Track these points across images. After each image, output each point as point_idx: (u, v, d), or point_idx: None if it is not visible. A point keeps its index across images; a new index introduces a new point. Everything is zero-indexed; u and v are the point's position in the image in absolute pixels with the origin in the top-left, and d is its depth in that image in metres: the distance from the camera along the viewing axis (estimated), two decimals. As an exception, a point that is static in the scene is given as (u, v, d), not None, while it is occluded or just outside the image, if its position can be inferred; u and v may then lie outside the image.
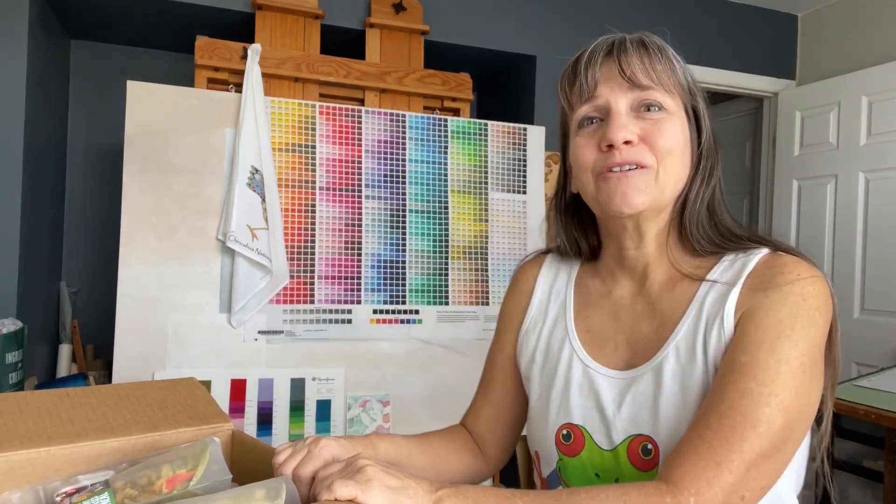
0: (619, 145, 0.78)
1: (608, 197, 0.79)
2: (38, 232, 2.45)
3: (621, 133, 0.77)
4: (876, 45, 3.10)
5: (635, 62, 0.79)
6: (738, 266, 0.78)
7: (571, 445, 0.84)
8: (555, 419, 0.86)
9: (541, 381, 0.91)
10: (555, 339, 0.91)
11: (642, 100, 0.79)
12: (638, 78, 0.79)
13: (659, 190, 0.79)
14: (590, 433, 0.82)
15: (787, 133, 3.36)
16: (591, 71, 0.80)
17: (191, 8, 2.49)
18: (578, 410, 0.84)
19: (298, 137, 2.32)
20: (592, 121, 0.82)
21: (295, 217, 2.30)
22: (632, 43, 0.81)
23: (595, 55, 0.81)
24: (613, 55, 0.80)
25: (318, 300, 2.30)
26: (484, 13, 2.88)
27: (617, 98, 0.79)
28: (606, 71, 0.80)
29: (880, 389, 2.18)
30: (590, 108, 0.81)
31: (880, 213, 2.94)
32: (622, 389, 0.81)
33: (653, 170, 0.79)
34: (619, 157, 0.78)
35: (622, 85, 0.79)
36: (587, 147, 0.81)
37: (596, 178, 0.81)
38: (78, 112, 2.86)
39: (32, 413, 0.73)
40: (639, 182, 0.78)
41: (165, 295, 2.13)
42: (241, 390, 2.19)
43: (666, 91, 0.80)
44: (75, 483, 0.65)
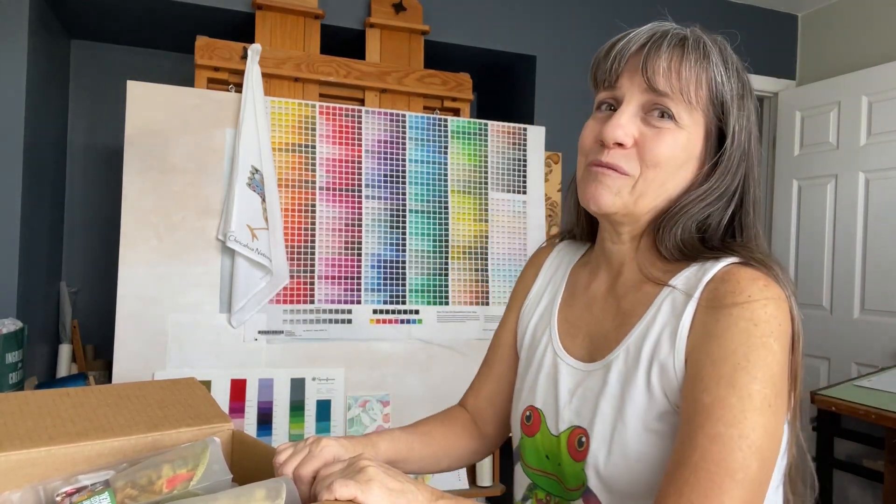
0: (609, 144, 0.78)
1: (583, 190, 0.81)
2: (38, 232, 2.45)
3: (617, 132, 0.77)
4: (876, 45, 3.10)
5: (662, 65, 0.77)
6: (699, 275, 0.76)
7: (531, 426, 0.87)
8: (524, 400, 0.90)
9: (524, 362, 0.94)
10: (541, 323, 0.94)
11: (655, 104, 0.78)
12: (657, 82, 0.76)
13: (633, 199, 0.79)
14: (545, 417, 0.85)
15: (787, 133, 3.36)
16: (619, 60, 0.79)
17: (191, 8, 2.49)
18: (541, 394, 0.87)
19: (298, 137, 2.32)
20: (609, 107, 0.82)
21: (295, 217, 2.30)
22: (670, 41, 0.79)
23: (629, 45, 0.80)
24: (645, 50, 0.78)
25: (318, 300, 2.30)
26: (484, 13, 2.88)
27: (632, 95, 0.78)
28: (633, 64, 0.79)
29: (880, 389, 2.18)
30: (608, 94, 0.82)
31: (880, 213, 2.94)
32: (577, 381, 0.84)
33: (633, 178, 0.78)
34: (605, 158, 0.78)
35: (641, 84, 0.78)
36: (592, 130, 0.82)
37: (586, 166, 0.82)
38: (78, 112, 2.86)
39: (33, 413, 0.73)
40: (613, 185, 0.78)
41: (165, 295, 2.13)
42: (241, 390, 2.19)
43: (684, 101, 0.77)
44: (76, 483, 0.65)
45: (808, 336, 3.19)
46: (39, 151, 2.42)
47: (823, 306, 3.15)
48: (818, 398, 2.16)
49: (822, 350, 3.15)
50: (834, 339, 3.10)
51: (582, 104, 3.03)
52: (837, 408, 2.09)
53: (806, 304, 3.24)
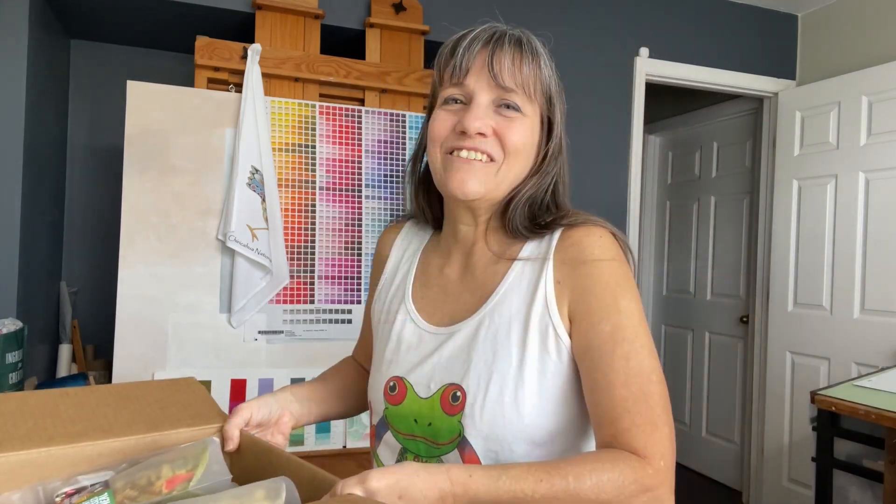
0: (472, 134, 0.85)
1: (449, 178, 0.87)
2: (38, 232, 2.45)
3: (476, 123, 0.84)
4: (876, 45, 3.10)
5: (506, 62, 0.86)
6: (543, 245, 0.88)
7: (395, 395, 0.92)
8: (385, 372, 0.95)
9: (379, 338, 1.00)
10: (395, 301, 1.00)
11: (503, 98, 0.86)
12: (504, 78, 0.85)
13: (496, 183, 0.87)
14: (412, 384, 0.91)
15: (787, 133, 3.36)
16: (467, 57, 0.87)
17: (191, 8, 2.49)
18: (405, 365, 0.93)
19: (298, 137, 2.32)
20: (457, 101, 0.88)
21: (295, 217, 2.30)
22: (510, 40, 0.88)
23: (474, 43, 0.87)
24: (489, 48, 0.87)
25: (318, 300, 2.30)
26: (484, 13, 2.86)
27: (481, 90, 0.86)
28: (479, 62, 0.86)
29: (880, 389, 2.17)
30: (457, 90, 0.88)
31: (880, 213, 2.94)
32: (442, 341, 0.90)
33: (497, 164, 0.87)
34: (470, 143, 0.85)
35: (489, 80, 0.86)
36: (445, 122, 0.88)
37: (444, 154, 0.88)
38: (78, 112, 2.86)
39: (33, 413, 0.73)
40: (479, 173, 0.86)
41: (165, 295, 2.13)
42: (241, 390, 2.19)
43: (526, 95, 0.87)
44: (75, 483, 0.65)
45: (809, 336, 3.20)
46: (39, 151, 2.42)
47: (823, 306, 3.15)
48: (818, 398, 2.15)
49: (822, 350, 3.15)
50: (834, 339, 3.10)
51: (582, 104, 3.03)
52: (837, 408, 2.08)
53: (806, 304, 3.24)
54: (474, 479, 0.67)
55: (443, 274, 0.97)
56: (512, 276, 0.88)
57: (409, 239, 1.06)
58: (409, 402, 0.90)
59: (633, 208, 3.16)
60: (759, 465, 3.50)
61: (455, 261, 0.96)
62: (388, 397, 0.93)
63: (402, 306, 0.98)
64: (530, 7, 2.96)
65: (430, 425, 0.88)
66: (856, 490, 2.24)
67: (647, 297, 4.52)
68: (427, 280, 0.99)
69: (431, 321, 0.94)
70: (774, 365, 3.39)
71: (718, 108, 3.98)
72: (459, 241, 0.95)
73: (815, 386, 3.11)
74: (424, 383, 0.89)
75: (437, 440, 0.87)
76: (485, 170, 0.86)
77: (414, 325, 0.95)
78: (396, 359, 0.94)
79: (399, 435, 0.92)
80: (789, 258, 3.32)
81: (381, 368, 0.96)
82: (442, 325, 0.92)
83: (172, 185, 2.17)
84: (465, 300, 0.92)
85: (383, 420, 0.94)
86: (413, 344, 0.94)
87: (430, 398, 0.88)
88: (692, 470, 4.11)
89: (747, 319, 3.72)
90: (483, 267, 0.92)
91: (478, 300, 0.90)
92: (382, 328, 1.00)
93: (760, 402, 3.51)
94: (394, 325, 0.97)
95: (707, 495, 3.78)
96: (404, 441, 0.91)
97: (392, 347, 0.95)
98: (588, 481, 0.69)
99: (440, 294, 0.96)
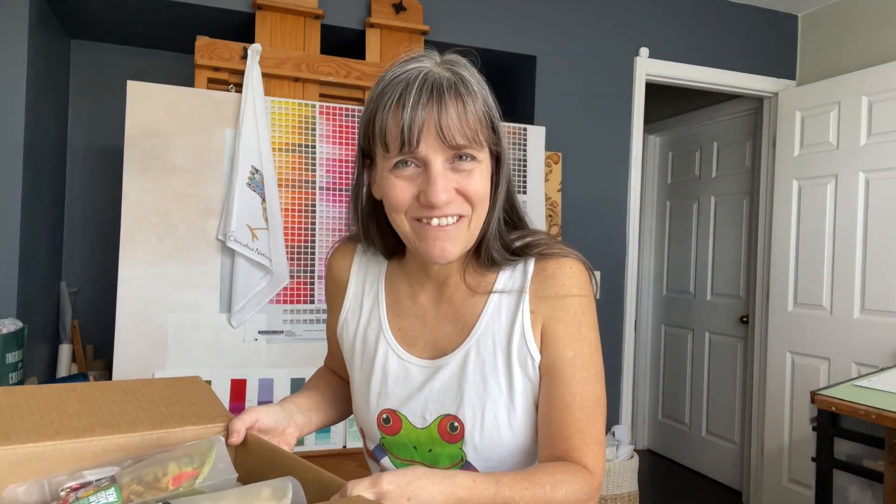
0: (441, 206, 0.83)
1: (426, 248, 0.86)
2: (38, 232, 2.45)
3: (443, 196, 0.83)
4: (876, 45, 3.11)
5: (453, 121, 0.82)
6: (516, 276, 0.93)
7: (391, 427, 0.95)
8: (375, 405, 0.96)
9: (361, 368, 1.00)
10: (371, 332, 1.00)
11: (456, 154, 0.84)
12: (455, 138, 0.82)
13: (470, 235, 0.88)
14: (406, 416, 0.94)
15: (787, 133, 3.37)
16: (415, 125, 0.82)
17: (191, 8, 2.49)
18: (396, 399, 0.95)
19: (298, 137, 2.32)
20: (408, 163, 0.85)
21: (295, 217, 2.30)
22: (448, 90, 0.83)
23: (417, 107, 0.82)
24: (434, 108, 0.82)
25: (318, 300, 2.30)
26: (484, 13, 2.88)
27: (436, 155, 0.83)
28: (427, 126, 0.82)
29: (880, 389, 2.17)
30: (408, 156, 0.84)
31: (880, 213, 2.94)
32: (430, 375, 0.93)
33: (467, 218, 0.87)
34: (439, 212, 0.84)
35: (440, 144, 0.82)
36: (405, 192, 0.85)
37: (411, 221, 0.87)
38: (78, 112, 2.86)
39: (39, 407, 0.73)
40: (455, 235, 0.86)
41: (165, 295, 2.13)
42: (241, 390, 2.19)
43: (477, 144, 0.85)
44: (81, 478, 0.65)
45: (809, 336, 3.20)
46: (39, 151, 2.42)
47: (823, 306, 3.16)
48: (818, 398, 2.16)
49: (822, 350, 3.16)
50: (834, 339, 3.10)
51: (582, 104, 3.04)
52: (837, 408, 2.08)
53: (806, 304, 3.25)
54: (477, 484, 0.75)
55: (417, 303, 0.98)
56: (491, 309, 0.93)
57: (364, 266, 1.05)
58: (405, 433, 0.94)
59: (633, 208, 3.16)
60: (759, 465, 3.50)
61: (428, 290, 0.97)
62: (382, 428, 0.96)
63: (381, 337, 0.98)
64: (530, 7, 2.96)
65: (431, 451, 0.93)
66: (856, 490, 2.24)
67: (647, 297, 4.52)
68: (400, 310, 0.99)
69: (413, 352, 0.96)
70: (774, 365, 3.39)
71: (718, 108, 3.98)
72: (432, 277, 0.96)
73: (815, 386, 3.11)
74: (419, 415, 0.93)
75: (437, 465, 0.93)
76: (458, 229, 0.86)
77: (397, 358, 0.96)
78: (385, 391, 0.96)
79: (398, 460, 0.96)
80: (789, 258, 3.32)
81: (370, 400, 0.97)
82: (426, 358, 0.95)
83: (172, 185, 2.17)
84: (445, 330, 0.95)
85: (380, 446, 0.98)
86: (400, 377, 0.95)
87: (427, 428, 0.93)
88: (692, 470, 4.11)
89: (747, 319, 3.73)
90: (460, 298, 0.95)
91: (459, 331, 0.94)
92: (361, 357, 1.00)
93: (760, 402, 3.51)
94: (375, 356, 0.98)
95: (707, 495, 3.78)
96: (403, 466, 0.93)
97: (378, 380, 0.97)
98: (560, 490, 0.81)
99: (417, 323, 0.97)
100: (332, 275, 1.08)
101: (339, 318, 1.05)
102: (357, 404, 1.01)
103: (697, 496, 3.77)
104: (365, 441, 1.02)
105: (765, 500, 3.44)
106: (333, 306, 1.09)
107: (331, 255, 1.09)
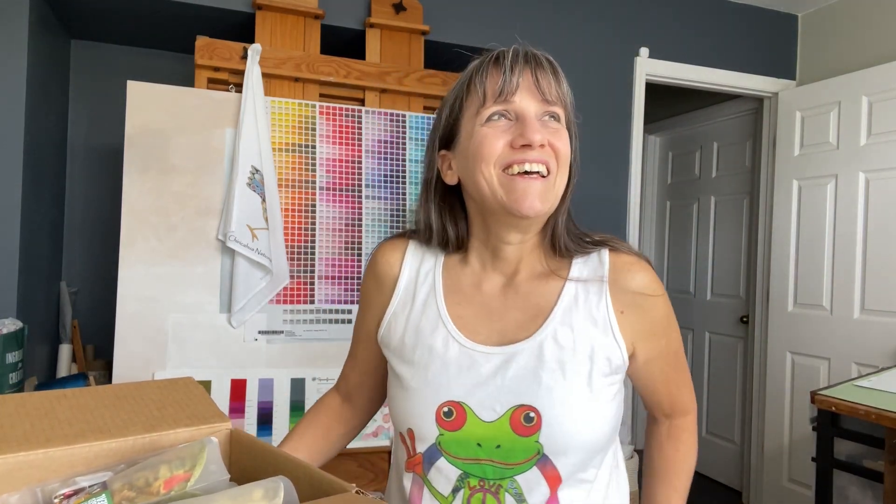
0: (536, 146, 0.86)
1: (516, 198, 0.86)
2: (38, 232, 2.45)
3: (538, 136, 0.85)
4: (876, 45, 3.10)
5: (549, 78, 0.89)
6: (591, 265, 0.94)
7: (453, 421, 0.90)
8: (434, 398, 0.91)
9: (413, 361, 0.94)
10: (426, 321, 0.95)
11: (547, 111, 0.89)
12: (549, 93, 0.89)
13: (554, 196, 0.89)
14: (472, 408, 0.89)
15: (787, 133, 3.36)
16: (514, 75, 0.88)
17: (191, 8, 2.49)
18: (460, 389, 0.90)
19: (298, 137, 2.32)
20: (501, 117, 0.88)
21: (295, 217, 2.30)
22: (542, 59, 0.90)
23: (517, 61, 0.89)
24: (531, 66, 0.89)
25: (318, 300, 2.30)
26: (484, 13, 2.88)
27: (530, 105, 0.88)
28: (525, 79, 0.88)
29: (880, 389, 2.17)
30: (502, 106, 0.88)
31: (880, 213, 2.94)
32: (502, 363, 0.90)
33: (552, 176, 0.88)
34: (535, 155, 0.86)
35: (535, 95, 0.88)
36: (496, 140, 0.87)
37: (500, 172, 0.87)
38: (78, 112, 2.86)
39: (30, 414, 0.73)
40: (541, 189, 0.87)
41: (165, 295, 2.13)
42: (241, 390, 2.19)
43: (563, 107, 0.91)
44: (73, 485, 0.64)
45: (809, 336, 3.20)
46: (39, 151, 2.42)
47: (823, 306, 3.15)
48: (818, 398, 2.15)
49: (822, 350, 3.15)
50: (834, 339, 3.10)
51: (581, 104, 3.03)
52: (837, 408, 2.08)
53: (806, 304, 3.24)
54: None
55: (481, 290, 0.95)
56: (567, 297, 0.92)
57: (419, 257, 1.01)
58: (470, 427, 0.89)
59: (633, 208, 3.16)
60: (759, 465, 3.50)
61: (493, 277, 0.96)
62: (442, 423, 0.90)
63: (440, 325, 0.94)
64: (531, 7, 2.96)
65: (499, 448, 0.88)
66: (856, 490, 2.24)
67: (647, 296, 4.51)
68: (461, 297, 0.96)
69: (477, 340, 0.92)
70: (774, 365, 3.39)
71: (718, 108, 3.98)
72: (501, 259, 0.95)
73: (815, 386, 3.11)
74: (488, 406, 0.89)
75: (508, 461, 0.88)
76: (545, 184, 0.87)
77: (458, 346, 0.92)
78: (446, 382, 0.91)
79: (457, 460, 0.90)
80: (789, 258, 3.32)
81: (425, 393, 0.91)
82: (492, 345, 0.91)
83: (172, 185, 2.17)
84: (514, 318, 0.93)
85: (435, 447, 0.91)
86: (464, 365, 0.91)
87: (497, 421, 0.88)
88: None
89: (747, 319, 3.72)
90: (530, 284, 0.94)
91: (531, 319, 0.92)
92: (413, 350, 0.95)
93: (760, 402, 3.51)
94: (433, 346, 0.93)
95: (707, 495, 3.78)
96: (465, 466, 0.90)
97: (437, 370, 0.92)
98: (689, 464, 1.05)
99: (481, 311, 0.94)
100: (376, 269, 1.03)
101: (386, 312, 1.00)
102: (406, 403, 0.94)
103: (697, 496, 3.77)
104: (413, 445, 0.94)
105: (765, 500, 3.44)
106: (370, 304, 1.04)
107: (378, 250, 1.05)
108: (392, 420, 0.99)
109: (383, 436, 2.31)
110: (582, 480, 0.92)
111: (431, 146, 0.97)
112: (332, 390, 1.16)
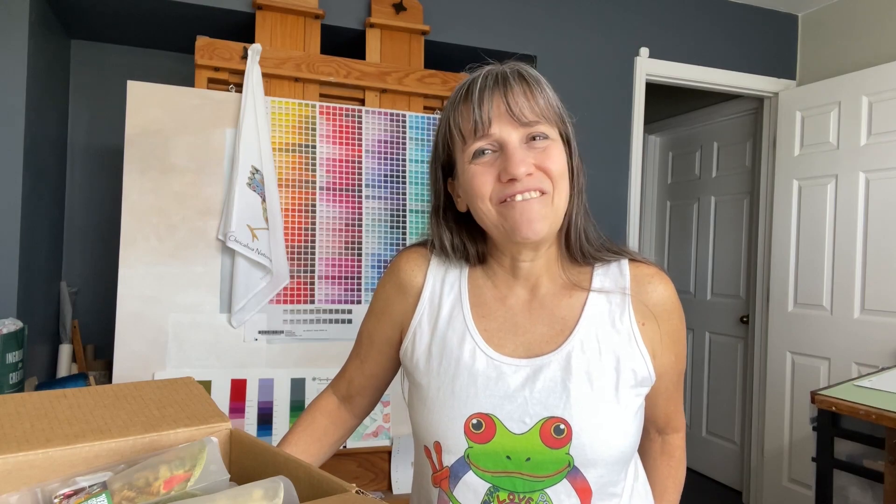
0: (522, 178, 0.85)
1: (514, 225, 0.87)
2: (38, 232, 2.45)
3: (521, 168, 0.85)
4: (876, 45, 3.10)
5: (521, 99, 0.87)
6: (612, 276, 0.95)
7: (482, 433, 0.89)
8: (462, 409, 0.90)
9: (440, 373, 0.94)
10: (453, 333, 0.95)
11: (530, 133, 0.88)
12: (525, 115, 0.87)
13: (554, 213, 0.89)
14: (501, 420, 0.89)
15: (787, 133, 3.36)
16: (484, 108, 0.87)
17: (191, 8, 2.49)
18: (489, 402, 0.89)
19: (298, 137, 2.32)
20: (485, 152, 0.88)
21: (295, 217, 2.30)
22: (513, 77, 0.88)
23: (484, 92, 0.87)
24: (500, 92, 0.87)
25: (318, 300, 2.30)
26: (484, 13, 2.88)
27: (509, 134, 0.87)
28: (497, 108, 0.87)
29: (880, 389, 2.17)
30: (484, 142, 0.88)
31: (880, 213, 2.94)
32: (530, 375, 0.90)
33: (549, 195, 0.88)
34: (522, 186, 0.86)
35: (512, 122, 0.87)
36: (485, 176, 0.88)
37: (497, 205, 0.88)
38: (78, 112, 2.86)
39: (30, 414, 0.73)
40: (539, 209, 0.87)
41: (165, 295, 2.13)
42: (241, 390, 2.19)
43: (548, 122, 0.89)
44: (73, 485, 0.64)
45: (809, 336, 3.20)
46: (39, 151, 2.42)
47: (823, 306, 3.15)
48: (818, 398, 2.15)
49: (822, 350, 3.15)
50: (834, 339, 3.10)
51: (581, 104, 3.03)
52: (837, 408, 2.08)
53: (806, 304, 3.24)
54: None
55: (506, 305, 0.96)
56: (591, 309, 0.93)
57: (443, 268, 1.00)
58: (499, 439, 0.88)
59: (633, 208, 3.16)
60: (759, 465, 3.50)
61: (517, 292, 0.96)
62: (471, 435, 0.89)
63: (467, 337, 0.93)
64: (530, 7, 2.96)
65: (529, 460, 0.88)
66: (856, 490, 2.24)
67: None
68: (486, 311, 0.96)
69: (504, 353, 0.92)
70: (774, 365, 3.39)
71: (718, 108, 3.98)
72: (521, 277, 0.96)
73: (815, 386, 3.11)
74: (517, 418, 0.88)
75: (537, 473, 0.88)
76: (542, 204, 0.87)
77: (486, 357, 0.91)
78: (474, 393, 0.90)
79: (486, 473, 0.89)
80: (789, 258, 3.32)
81: (453, 405, 0.90)
82: (519, 357, 0.91)
83: (172, 185, 2.17)
84: (540, 331, 0.93)
85: (463, 460, 0.90)
86: (492, 377, 0.90)
87: (527, 433, 0.88)
88: (692, 470, 4.11)
89: (747, 319, 3.72)
90: (553, 298, 0.95)
91: (557, 332, 0.92)
92: (439, 361, 0.94)
93: (760, 402, 3.51)
94: (460, 358, 0.92)
95: (707, 495, 3.78)
96: (494, 479, 0.89)
97: (464, 382, 0.91)
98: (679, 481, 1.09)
99: (507, 325, 0.94)
100: (399, 277, 1.02)
101: (411, 323, 0.99)
102: (432, 415, 0.92)
103: (697, 496, 3.76)
104: (440, 458, 0.92)
105: (765, 500, 3.44)
106: (390, 311, 1.02)
107: (401, 258, 1.03)
108: (415, 433, 0.97)
109: (383, 436, 2.30)
110: (612, 494, 0.91)
111: (434, 175, 0.98)
112: (327, 392, 1.13)
